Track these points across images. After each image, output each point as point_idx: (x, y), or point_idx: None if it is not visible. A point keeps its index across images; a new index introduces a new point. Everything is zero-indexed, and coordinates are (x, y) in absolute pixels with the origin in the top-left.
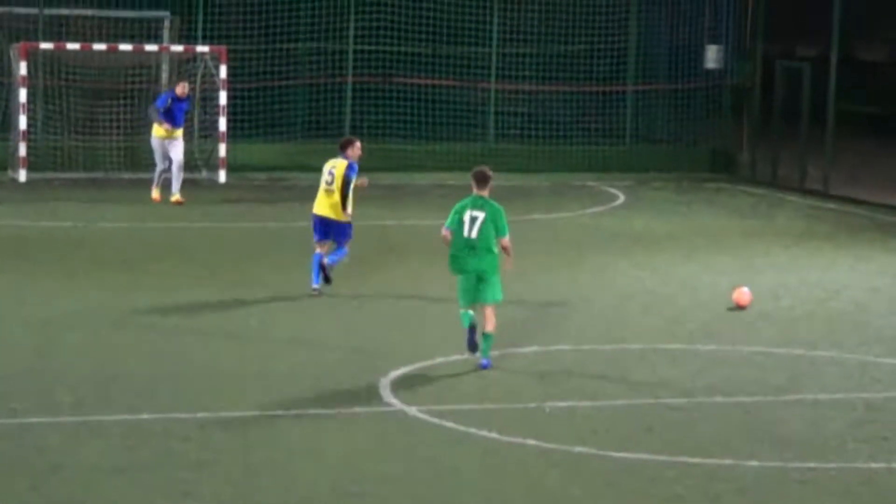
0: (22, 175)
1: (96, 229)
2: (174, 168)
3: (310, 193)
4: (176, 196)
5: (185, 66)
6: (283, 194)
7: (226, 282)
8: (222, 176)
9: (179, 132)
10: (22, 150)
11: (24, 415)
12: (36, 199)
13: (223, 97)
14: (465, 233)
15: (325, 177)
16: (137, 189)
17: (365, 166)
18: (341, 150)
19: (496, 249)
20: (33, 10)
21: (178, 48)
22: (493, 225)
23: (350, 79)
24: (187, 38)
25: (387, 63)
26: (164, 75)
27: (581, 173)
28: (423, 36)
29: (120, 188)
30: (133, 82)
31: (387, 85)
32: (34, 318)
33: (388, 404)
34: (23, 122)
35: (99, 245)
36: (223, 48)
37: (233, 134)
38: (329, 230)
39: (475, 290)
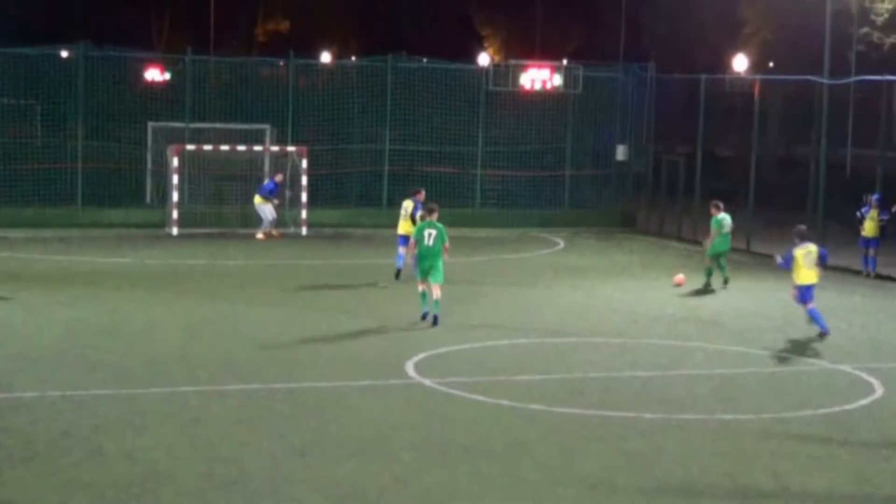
0: (174, 230)
1: (222, 265)
2: (270, 219)
3: (363, 242)
4: (262, 234)
5: (279, 160)
6: (344, 242)
7: (307, 297)
8: (304, 230)
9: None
10: (174, 214)
11: (175, 384)
12: (183, 246)
13: (304, 180)
14: (425, 242)
15: (402, 211)
16: (248, 239)
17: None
18: (414, 194)
19: (441, 252)
20: (182, 124)
21: (275, 148)
22: (440, 237)
23: (386, 168)
24: (281, 140)
25: (411, 157)
26: (266, 166)
27: (535, 228)
28: (434, 139)
29: (236, 239)
30: (245, 170)
31: (411, 172)
32: (183, 323)
33: (410, 377)
34: (175, 196)
35: (225, 275)
36: (305, 148)
37: (311, 202)
38: (403, 241)
39: (428, 274)
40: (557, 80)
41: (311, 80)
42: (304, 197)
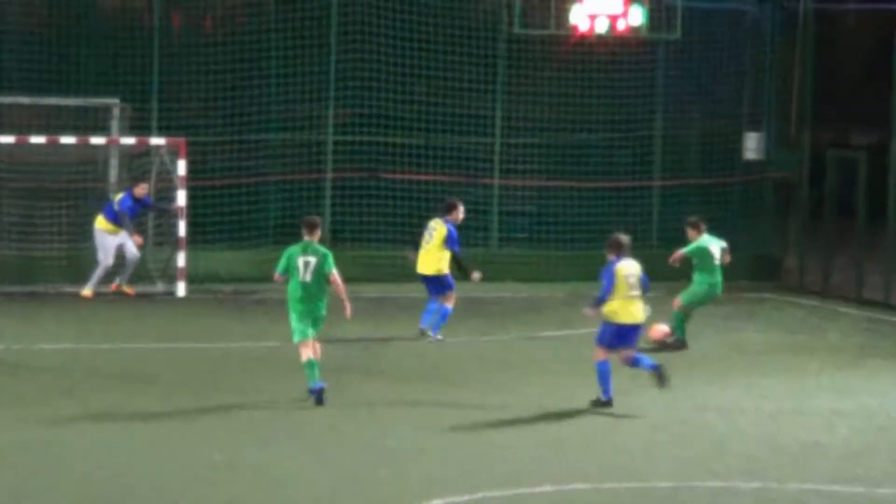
0: None
1: (34, 351)
2: (130, 262)
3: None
4: (90, 291)
5: (136, 162)
6: (252, 309)
7: (186, 409)
8: (181, 289)
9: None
10: None
11: None
12: None
13: (182, 197)
14: (300, 276)
15: (425, 236)
16: (82, 304)
17: (347, 275)
18: (446, 212)
19: (325, 291)
20: None
21: (130, 140)
22: (323, 267)
23: (330, 174)
24: (140, 128)
25: (373, 156)
26: (113, 172)
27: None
28: (416, 125)
29: (62, 303)
30: (76, 181)
31: (373, 181)
32: None
33: None
34: None
35: (37, 370)
36: (182, 140)
37: (192, 240)
38: (430, 285)
39: (314, 327)
40: (637, 15)
41: (192, 19)
42: (180, 228)
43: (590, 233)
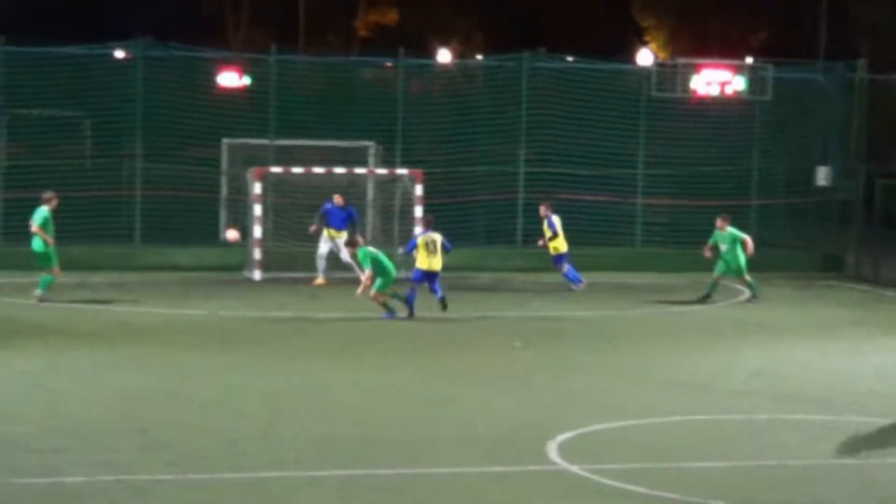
0: (256, 275)
1: (316, 319)
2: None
3: (491, 289)
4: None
5: (386, 186)
6: (466, 289)
7: (422, 360)
8: None
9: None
10: (257, 254)
11: (256, 469)
12: (267, 295)
13: (419, 211)
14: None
15: (430, 246)
16: (347, 286)
17: (539, 266)
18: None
19: None
20: (265, 141)
21: (382, 171)
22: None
23: (521, 195)
24: (388, 162)
25: (551, 182)
26: (370, 193)
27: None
28: (581, 160)
29: (331, 286)
30: (346, 198)
31: (552, 200)
32: (267, 392)
33: (554, 463)
34: (257, 231)
35: (319, 332)
36: (419, 171)
37: None
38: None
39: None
40: (740, 83)
41: (425, 86)
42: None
43: (703, 235)
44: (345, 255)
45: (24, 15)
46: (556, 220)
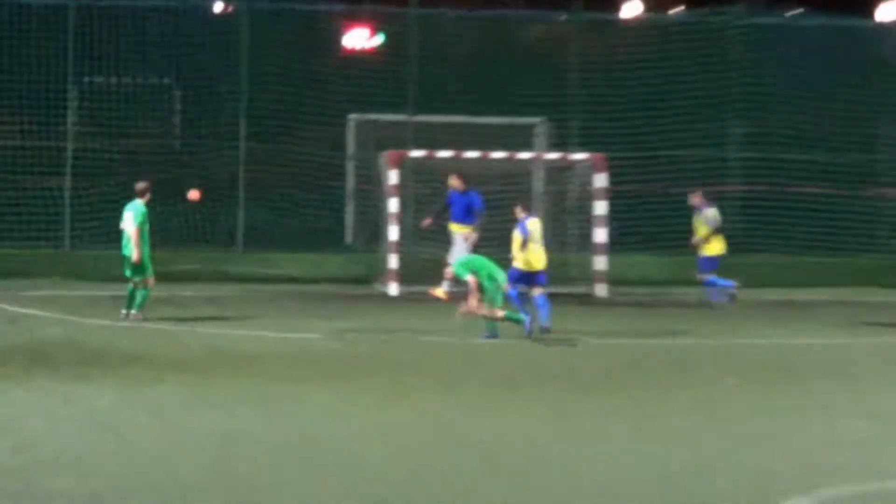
0: (392, 288)
1: (471, 346)
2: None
3: (691, 305)
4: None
5: (558, 175)
6: (663, 310)
7: (606, 403)
8: (601, 290)
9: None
10: (393, 262)
11: None
12: (405, 314)
13: (601, 207)
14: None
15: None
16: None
17: (760, 281)
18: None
19: None
20: (402, 117)
21: (552, 156)
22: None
23: (736, 187)
24: (560, 145)
25: (772, 170)
26: (538, 185)
27: None
28: (812, 141)
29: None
30: (504, 192)
31: (774, 193)
32: (419, 441)
33: None
34: (394, 232)
35: (474, 362)
36: (600, 156)
37: (612, 244)
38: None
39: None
40: None
41: (607, 47)
42: (599, 235)
43: None
44: (458, 252)
45: None
46: (712, 213)
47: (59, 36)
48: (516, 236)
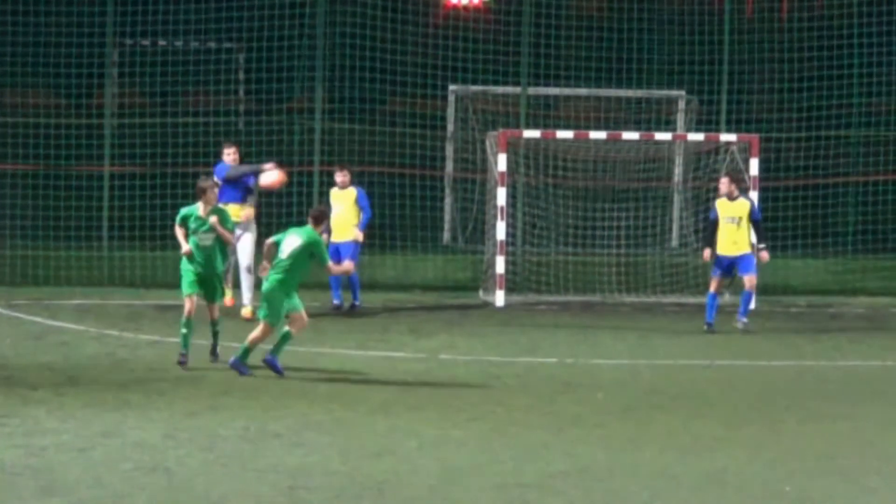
0: (499, 298)
1: (588, 367)
2: None
3: (861, 324)
4: None
5: (702, 160)
6: (826, 325)
7: (754, 436)
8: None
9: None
10: (500, 266)
11: None
12: (514, 329)
13: (754, 197)
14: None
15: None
16: (641, 317)
17: None
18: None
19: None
20: (515, 90)
21: (697, 136)
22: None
23: None
24: (707, 123)
25: None
26: (678, 171)
27: None
28: None
29: (619, 316)
30: (638, 180)
31: None
32: (506, 479)
33: None
34: (501, 230)
35: (592, 388)
36: (754, 137)
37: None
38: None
39: None
40: None
41: (766, 3)
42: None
43: None
44: None
45: None
46: None
47: None
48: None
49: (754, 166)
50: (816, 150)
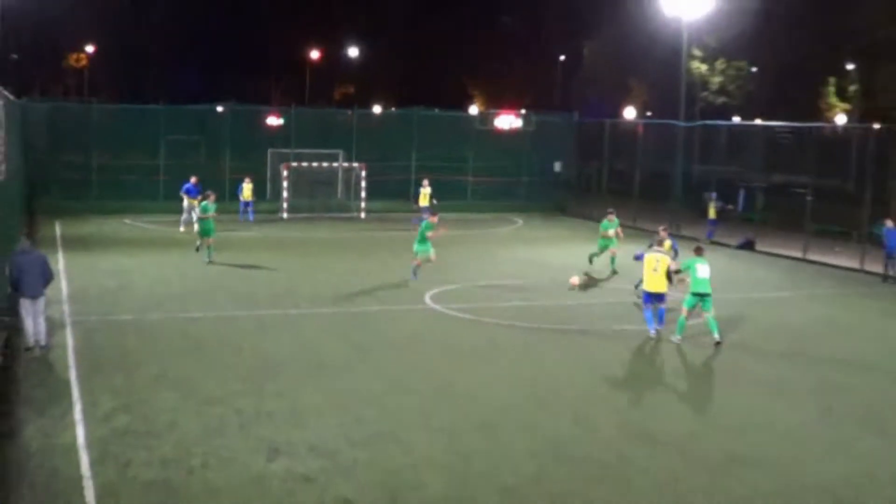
0: (285, 215)
1: (313, 237)
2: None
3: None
4: None
5: (346, 172)
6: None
7: (363, 256)
8: (363, 215)
9: None
10: (285, 205)
11: (285, 307)
12: (290, 225)
13: (363, 185)
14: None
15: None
16: (329, 221)
17: None
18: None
19: None
20: (289, 150)
21: (345, 164)
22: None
23: (412, 175)
24: (347, 160)
25: (429, 167)
26: (339, 175)
27: (505, 212)
28: (435, 160)
29: (321, 221)
30: (326, 179)
31: (429, 178)
32: (290, 269)
33: (428, 304)
34: (284, 193)
35: (316, 243)
36: (364, 164)
37: (369, 195)
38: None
39: None
40: (518, 122)
41: (367, 124)
42: (362, 191)
43: (500, 195)
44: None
45: None
46: None
47: None
48: None
49: None
50: None
